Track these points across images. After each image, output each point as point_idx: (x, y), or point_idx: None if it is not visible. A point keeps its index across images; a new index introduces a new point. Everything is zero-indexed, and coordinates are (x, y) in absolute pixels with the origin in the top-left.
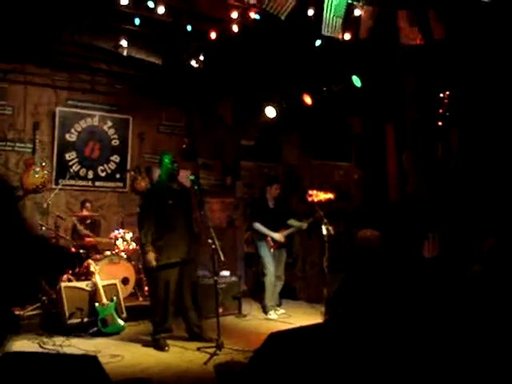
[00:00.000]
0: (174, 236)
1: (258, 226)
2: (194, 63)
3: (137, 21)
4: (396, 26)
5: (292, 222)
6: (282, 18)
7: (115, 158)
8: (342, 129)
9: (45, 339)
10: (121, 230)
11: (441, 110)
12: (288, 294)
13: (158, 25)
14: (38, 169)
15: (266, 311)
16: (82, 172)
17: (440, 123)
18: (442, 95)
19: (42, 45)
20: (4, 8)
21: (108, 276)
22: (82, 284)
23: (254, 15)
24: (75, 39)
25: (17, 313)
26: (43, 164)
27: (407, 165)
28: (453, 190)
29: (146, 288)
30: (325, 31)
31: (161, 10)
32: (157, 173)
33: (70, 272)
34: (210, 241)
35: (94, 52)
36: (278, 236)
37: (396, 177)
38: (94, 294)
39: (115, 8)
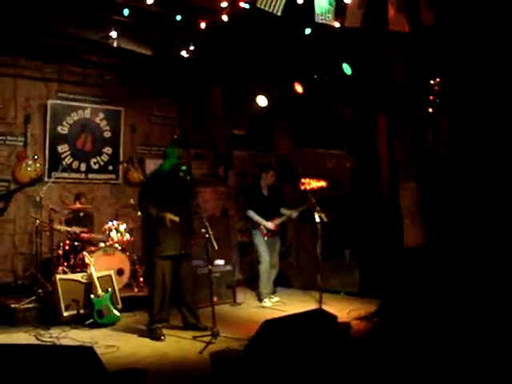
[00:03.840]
0: (170, 228)
1: (251, 213)
2: (184, 53)
3: (126, 11)
4: (386, 12)
5: (283, 210)
6: (279, 13)
7: (107, 150)
8: (333, 117)
9: (41, 331)
10: (114, 222)
11: (431, 97)
12: (282, 281)
13: (147, 15)
14: (30, 162)
15: (260, 299)
16: (75, 164)
17: (430, 110)
18: (432, 82)
19: (32, 37)
20: None
21: (103, 267)
22: (78, 276)
23: (243, 4)
24: (64, 31)
25: (13, 306)
26: (35, 157)
27: (398, 152)
28: (443, 176)
29: (141, 279)
30: (318, 19)
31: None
32: (150, 164)
33: (65, 264)
34: (203, 230)
35: (84, 44)
36: (270, 225)
37: (388, 164)
38: (89, 286)
39: None
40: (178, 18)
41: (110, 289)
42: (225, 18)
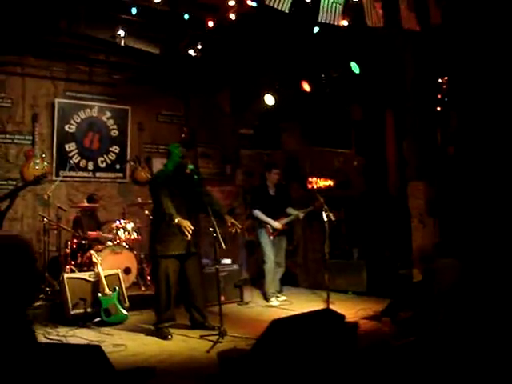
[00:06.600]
0: (175, 227)
1: (257, 213)
2: (191, 52)
3: (134, 10)
4: (395, 11)
5: (290, 210)
6: (286, 10)
7: (115, 148)
8: (341, 115)
9: (49, 330)
10: (122, 221)
11: (439, 96)
12: (289, 280)
13: (155, 14)
14: (37, 160)
15: (267, 298)
16: (82, 163)
17: (439, 108)
18: (440, 80)
19: (39, 36)
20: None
21: (110, 266)
22: (85, 274)
23: (251, 2)
24: (72, 30)
25: None
26: (43, 156)
27: (407, 151)
28: (452, 175)
29: (149, 277)
30: (322, 18)
31: None
32: (157, 163)
33: (73, 263)
34: (211, 229)
35: (92, 42)
36: (277, 224)
37: (396, 163)
38: (96, 285)
39: None
40: (186, 16)
41: (117, 287)
42: (232, 16)
